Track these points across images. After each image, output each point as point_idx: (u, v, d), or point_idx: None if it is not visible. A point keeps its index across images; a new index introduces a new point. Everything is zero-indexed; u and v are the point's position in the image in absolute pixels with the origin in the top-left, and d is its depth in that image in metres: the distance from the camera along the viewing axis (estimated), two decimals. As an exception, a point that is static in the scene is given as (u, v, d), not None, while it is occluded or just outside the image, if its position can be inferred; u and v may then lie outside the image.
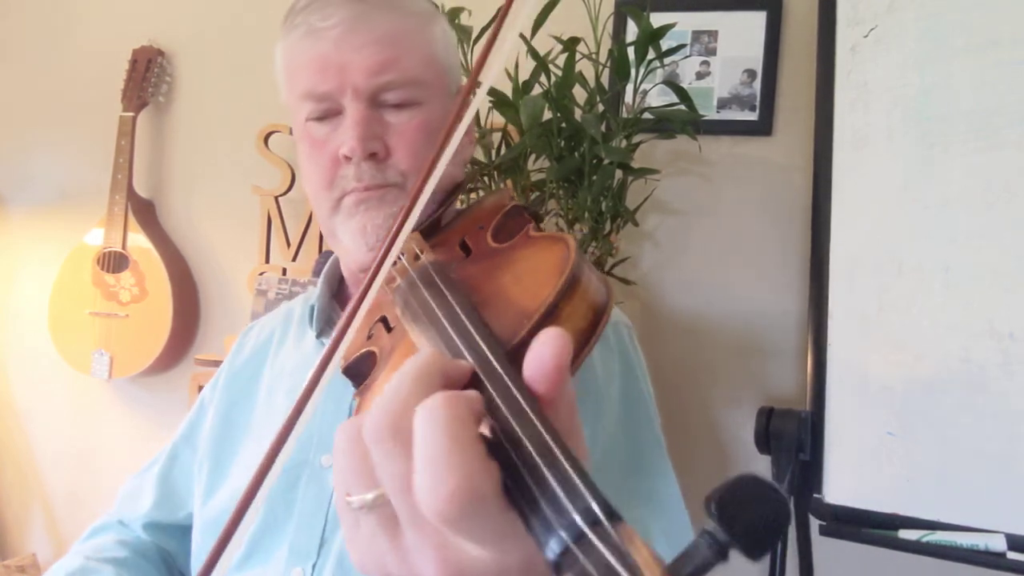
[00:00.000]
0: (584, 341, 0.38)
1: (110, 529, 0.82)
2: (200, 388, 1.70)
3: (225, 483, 0.73)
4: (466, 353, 0.35)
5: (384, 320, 0.51)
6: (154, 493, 0.81)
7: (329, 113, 0.67)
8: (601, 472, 0.56)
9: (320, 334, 0.76)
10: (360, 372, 0.56)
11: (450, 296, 0.41)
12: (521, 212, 0.56)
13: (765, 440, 1.26)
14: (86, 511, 2.05)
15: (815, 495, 1.21)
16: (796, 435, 1.22)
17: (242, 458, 0.74)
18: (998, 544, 1.04)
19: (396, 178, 0.66)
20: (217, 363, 1.77)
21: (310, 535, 0.64)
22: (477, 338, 0.35)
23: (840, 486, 1.20)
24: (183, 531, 0.79)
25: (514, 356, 0.34)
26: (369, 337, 0.54)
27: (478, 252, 0.52)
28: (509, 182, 1.44)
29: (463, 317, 0.38)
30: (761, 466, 1.49)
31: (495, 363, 0.33)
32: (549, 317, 0.37)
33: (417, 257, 0.51)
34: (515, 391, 0.30)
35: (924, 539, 1.09)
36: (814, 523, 1.23)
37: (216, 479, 0.74)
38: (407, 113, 0.66)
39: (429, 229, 0.61)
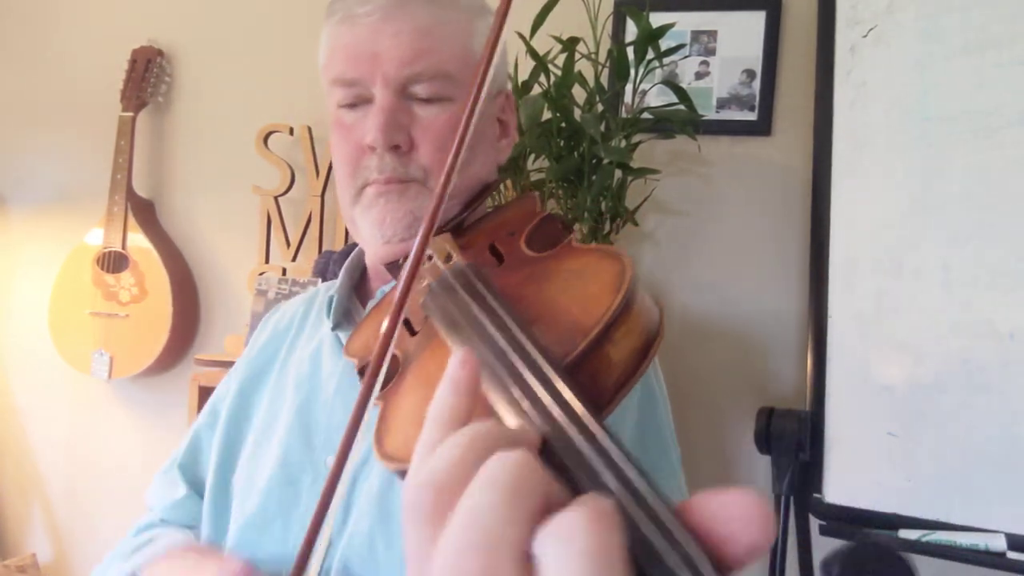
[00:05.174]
0: (635, 367, 0.36)
1: (154, 525, 0.81)
2: (200, 388, 1.71)
3: (234, 472, 0.73)
4: (521, 369, 0.32)
5: (407, 322, 0.49)
6: (184, 485, 0.80)
7: (359, 100, 0.66)
8: None
9: (336, 327, 0.74)
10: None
11: (494, 303, 0.39)
12: (556, 222, 0.54)
13: (765, 440, 1.26)
14: (86, 511, 2.05)
15: (815, 495, 1.21)
16: (796, 435, 1.23)
17: (246, 449, 0.73)
18: (998, 544, 1.04)
19: (418, 173, 0.65)
20: (217, 363, 1.78)
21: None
22: (532, 350, 0.33)
23: (840, 486, 1.20)
24: None
25: (570, 372, 0.33)
26: None
27: (513, 260, 0.50)
28: (509, 182, 1.44)
29: (513, 327, 0.36)
30: (761, 466, 1.49)
31: (560, 384, 0.31)
32: (605, 336, 0.35)
33: (449, 258, 0.49)
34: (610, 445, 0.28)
35: (924, 539, 1.09)
36: (814, 523, 1.23)
37: (227, 465, 0.74)
38: (435, 108, 0.65)
39: (454, 231, 0.59)
